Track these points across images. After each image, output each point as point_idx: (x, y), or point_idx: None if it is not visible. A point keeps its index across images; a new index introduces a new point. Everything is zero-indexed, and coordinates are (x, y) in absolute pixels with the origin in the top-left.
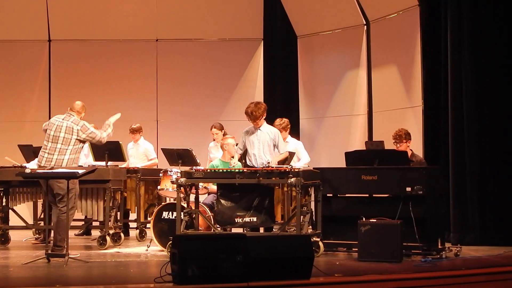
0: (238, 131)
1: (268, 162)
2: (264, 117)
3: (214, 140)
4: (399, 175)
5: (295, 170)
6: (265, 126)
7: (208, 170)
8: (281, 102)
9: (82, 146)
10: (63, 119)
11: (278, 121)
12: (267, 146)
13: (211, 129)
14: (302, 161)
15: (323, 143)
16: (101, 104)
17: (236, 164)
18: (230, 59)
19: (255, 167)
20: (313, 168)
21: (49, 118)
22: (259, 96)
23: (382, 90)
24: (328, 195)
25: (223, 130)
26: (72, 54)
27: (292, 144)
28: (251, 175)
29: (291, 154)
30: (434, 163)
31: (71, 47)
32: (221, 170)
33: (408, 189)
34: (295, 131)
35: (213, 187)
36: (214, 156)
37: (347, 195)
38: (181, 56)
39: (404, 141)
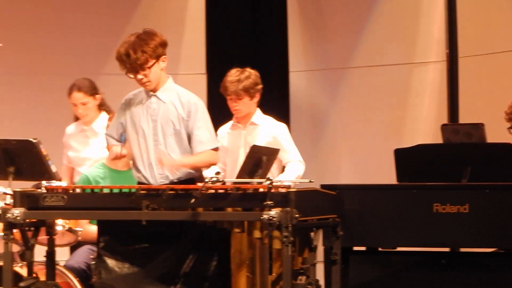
0: None
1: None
2: (162, 62)
3: (77, 118)
4: None
5: (281, 188)
6: (169, 89)
7: (76, 190)
8: (240, 35)
9: None
10: None
11: (234, 74)
12: (173, 132)
13: (69, 94)
14: (290, 169)
15: (341, 127)
16: None
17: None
18: None
19: (146, 184)
20: (321, 185)
21: None
22: (196, 22)
23: (479, 14)
24: (355, 248)
25: (97, 97)
26: None
27: (270, 129)
28: (177, 201)
29: (270, 153)
30: None
31: None
32: (106, 190)
33: None
34: (276, 101)
35: (89, 228)
36: (75, 154)
37: (399, 248)
38: None
39: None
